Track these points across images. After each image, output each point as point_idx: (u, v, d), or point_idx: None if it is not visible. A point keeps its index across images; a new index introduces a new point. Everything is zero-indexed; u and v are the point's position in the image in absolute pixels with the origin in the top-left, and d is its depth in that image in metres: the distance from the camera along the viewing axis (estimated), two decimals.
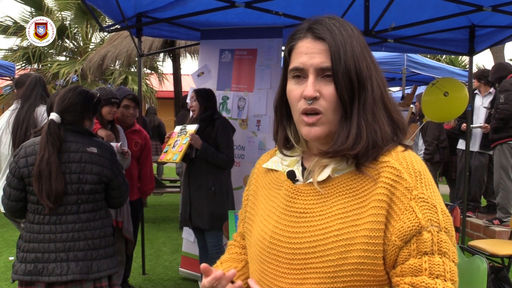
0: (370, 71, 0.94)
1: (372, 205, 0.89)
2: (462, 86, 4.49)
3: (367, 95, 0.93)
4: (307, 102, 0.92)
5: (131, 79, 10.58)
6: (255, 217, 1.07)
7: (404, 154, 0.92)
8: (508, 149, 5.13)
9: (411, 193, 0.87)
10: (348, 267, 0.87)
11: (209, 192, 3.34)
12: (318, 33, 0.94)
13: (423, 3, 3.86)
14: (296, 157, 1.06)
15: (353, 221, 0.89)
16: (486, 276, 1.85)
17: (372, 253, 0.87)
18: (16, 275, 2.15)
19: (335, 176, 0.95)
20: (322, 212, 0.93)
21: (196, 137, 3.30)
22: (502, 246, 3.70)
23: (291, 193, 0.98)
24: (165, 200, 8.25)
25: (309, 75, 0.93)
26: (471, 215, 5.71)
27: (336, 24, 0.95)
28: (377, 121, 0.93)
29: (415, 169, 0.90)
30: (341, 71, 0.90)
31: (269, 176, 1.10)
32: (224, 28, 4.22)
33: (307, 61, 0.93)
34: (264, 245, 0.98)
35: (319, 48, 0.93)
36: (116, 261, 2.32)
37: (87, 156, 2.21)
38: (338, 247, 0.88)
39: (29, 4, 11.00)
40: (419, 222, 0.85)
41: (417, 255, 0.85)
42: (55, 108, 2.25)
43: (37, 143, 2.22)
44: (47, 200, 2.12)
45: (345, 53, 0.91)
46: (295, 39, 0.98)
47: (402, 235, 0.86)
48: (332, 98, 0.92)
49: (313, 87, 0.92)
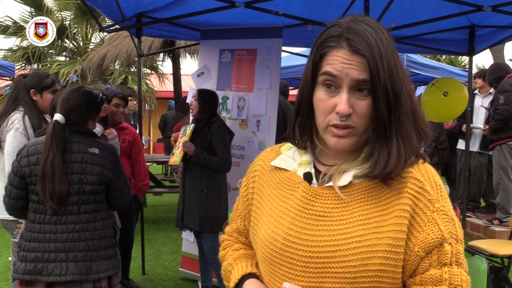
0: (402, 82, 0.92)
1: (395, 214, 0.89)
2: (462, 86, 4.49)
3: (402, 110, 0.91)
4: (341, 118, 0.89)
5: (131, 79, 10.58)
6: (261, 217, 1.04)
7: (424, 167, 0.95)
8: (507, 150, 5.13)
9: (434, 206, 0.90)
10: (368, 274, 0.87)
11: (202, 194, 3.33)
12: (356, 48, 0.88)
13: (423, 3, 3.86)
14: (308, 158, 1.04)
15: (375, 228, 0.89)
16: (486, 276, 1.85)
17: (393, 261, 0.88)
18: (16, 274, 2.15)
19: (355, 182, 0.94)
20: (343, 217, 0.92)
21: (188, 144, 3.31)
22: (502, 246, 3.70)
23: (309, 195, 0.96)
24: (165, 200, 8.25)
25: (343, 86, 0.89)
26: (471, 215, 5.71)
27: (372, 33, 0.89)
28: (409, 135, 0.92)
29: (436, 182, 0.93)
30: (381, 90, 0.88)
31: (277, 174, 1.06)
32: (224, 28, 4.21)
33: (342, 70, 0.89)
34: (276, 246, 0.96)
35: (357, 61, 0.88)
36: (116, 262, 2.32)
37: (89, 157, 2.22)
38: (360, 253, 0.88)
39: (29, 4, 11.00)
40: (442, 234, 0.88)
41: (437, 266, 0.89)
42: (59, 109, 2.25)
43: (40, 142, 2.22)
44: (50, 201, 2.13)
45: (383, 69, 0.88)
46: (328, 46, 0.92)
47: (426, 246, 0.88)
48: (366, 114, 0.90)
49: (348, 103, 0.88)
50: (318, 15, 3.89)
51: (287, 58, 6.98)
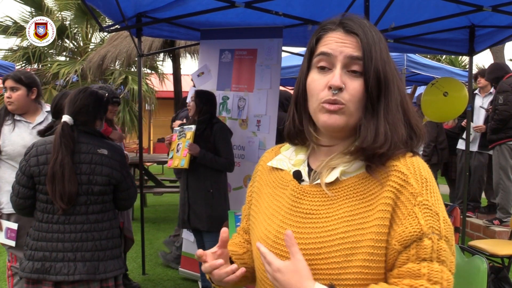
0: (394, 74, 0.95)
1: (378, 208, 0.89)
2: (462, 86, 4.50)
3: (392, 97, 0.93)
4: (332, 91, 0.91)
5: (131, 79, 10.58)
6: (258, 215, 1.07)
7: (412, 160, 0.93)
8: (507, 150, 5.13)
9: (416, 199, 0.87)
10: (352, 270, 0.87)
11: (208, 194, 3.34)
12: (351, 28, 0.93)
13: (423, 3, 3.86)
14: (302, 157, 1.05)
15: (359, 224, 0.89)
16: (486, 276, 1.85)
17: (377, 256, 0.87)
18: (24, 273, 2.16)
19: (343, 178, 0.95)
20: (329, 214, 0.93)
21: (193, 146, 3.31)
22: (502, 246, 3.71)
23: (297, 194, 0.98)
24: (165, 200, 8.25)
25: (336, 64, 0.92)
26: (471, 215, 5.71)
27: (367, 24, 0.95)
28: (397, 124, 0.93)
29: (422, 175, 0.90)
30: (372, 68, 0.91)
31: (273, 174, 1.09)
32: (224, 28, 4.21)
33: (337, 48, 0.92)
34: (268, 244, 0.98)
35: (351, 40, 0.93)
36: (122, 262, 2.34)
37: (97, 158, 2.23)
38: (343, 249, 0.88)
39: (29, 4, 11.01)
40: (421, 228, 0.85)
41: (415, 260, 0.85)
42: (67, 111, 2.26)
43: (48, 142, 2.23)
44: (60, 201, 2.14)
45: (375, 52, 0.92)
46: (325, 29, 0.97)
47: (403, 240, 0.86)
48: (356, 93, 0.92)
49: (340, 78, 0.91)
50: (318, 15, 3.89)
51: (287, 58, 6.98)
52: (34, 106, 2.97)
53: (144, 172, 6.42)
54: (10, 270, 2.83)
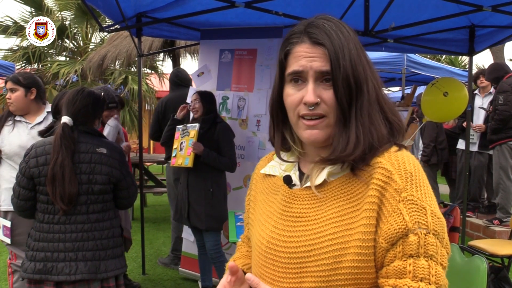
0: (366, 73, 0.94)
1: (364, 208, 0.88)
2: (462, 86, 4.49)
3: (364, 99, 0.92)
4: (308, 108, 0.92)
5: (131, 79, 10.58)
6: (255, 222, 1.09)
7: (396, 155, 0.91)
8: (507, 150, 5.13)
9: (400, 195, 0.86)
10: (342, 271, 0.87)
11: (208, 193, 3.35)
12: (316, 38, 0.92)
13: (423, 3, 3.86)
14: (293, 161, 1.06)
15: (347, 225, 0.89)
16: (486, 276, 1.85)
17: (366, 256, 0.86)
18: (26, 274, 2.17)
19: (331, 180, 0.95)
20: (318, 216, 0.93)
21: (197, 144, 3.31)
22: (502, 246, 3.71)
23: (288, 198, 0.99)
24: (165, 200, 8.24)
25: (308, 78, 0.92)
26: (471, 215, 5.71)
27: (332, 26, 0.94)
28: (373, 123, 0.92)
29: (407, 170, 0.88)
30: (340, 78, 0.90)
31: (267, 181, 1.10)
32: (224, 28, 4.21)
33: (306, 64, 0.92)
34: (262, 249, 0.99)
35: (318, 52, 0.92)
36: (123, 261, 2.34)
37: (97, 157, 2.24)
38: (332, 251, 0.88)
39: (29, 4, 11.01)
40: (406, 224, 0.84)
41: (402, 258, 0.84)
42: (65, 112, 2.27)
43: (48, 143, 2.24)
44: (61, 202, 2.15)
45: (344, 57, 0.90)
46: (291, 43, 0.96)
47: (389, 238, 0.85)
48: (332, 102, 0.92)
49: (314, 93, 0.91)
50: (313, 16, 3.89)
51: None
52: (35, 107, 2.97)
53: (144, 172, 6.42)
54: (10, 268, 2.85)
